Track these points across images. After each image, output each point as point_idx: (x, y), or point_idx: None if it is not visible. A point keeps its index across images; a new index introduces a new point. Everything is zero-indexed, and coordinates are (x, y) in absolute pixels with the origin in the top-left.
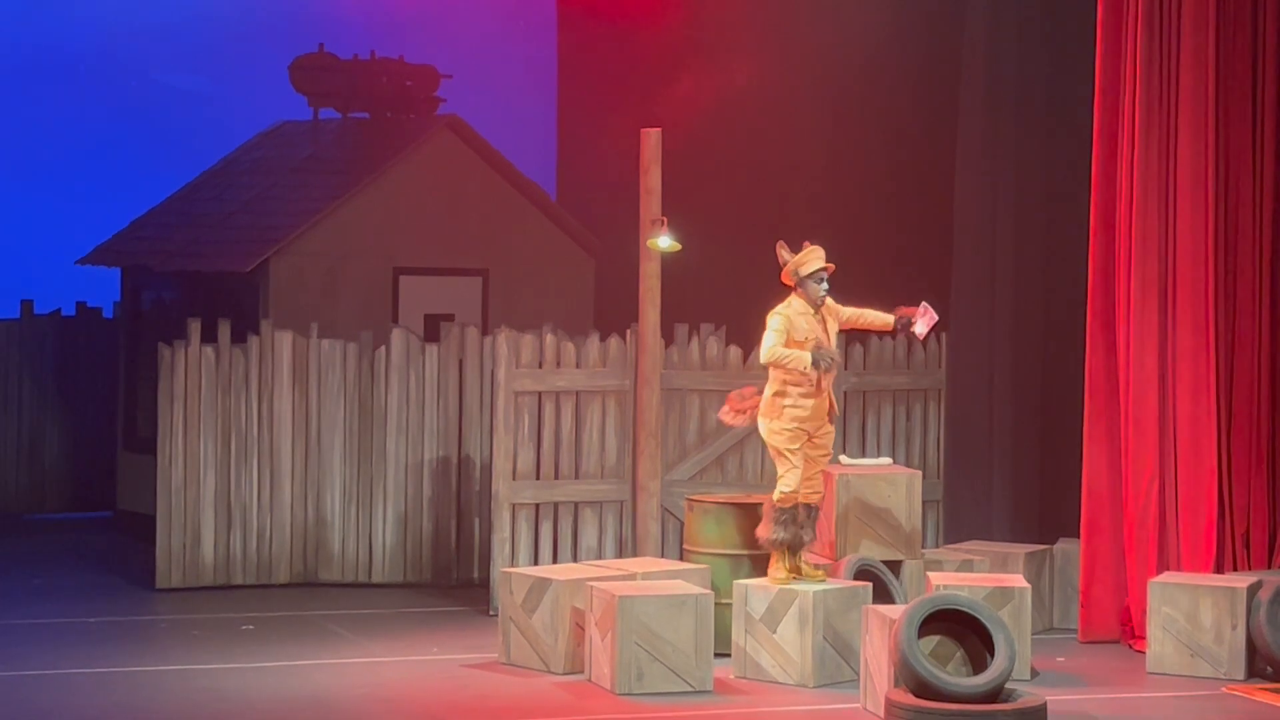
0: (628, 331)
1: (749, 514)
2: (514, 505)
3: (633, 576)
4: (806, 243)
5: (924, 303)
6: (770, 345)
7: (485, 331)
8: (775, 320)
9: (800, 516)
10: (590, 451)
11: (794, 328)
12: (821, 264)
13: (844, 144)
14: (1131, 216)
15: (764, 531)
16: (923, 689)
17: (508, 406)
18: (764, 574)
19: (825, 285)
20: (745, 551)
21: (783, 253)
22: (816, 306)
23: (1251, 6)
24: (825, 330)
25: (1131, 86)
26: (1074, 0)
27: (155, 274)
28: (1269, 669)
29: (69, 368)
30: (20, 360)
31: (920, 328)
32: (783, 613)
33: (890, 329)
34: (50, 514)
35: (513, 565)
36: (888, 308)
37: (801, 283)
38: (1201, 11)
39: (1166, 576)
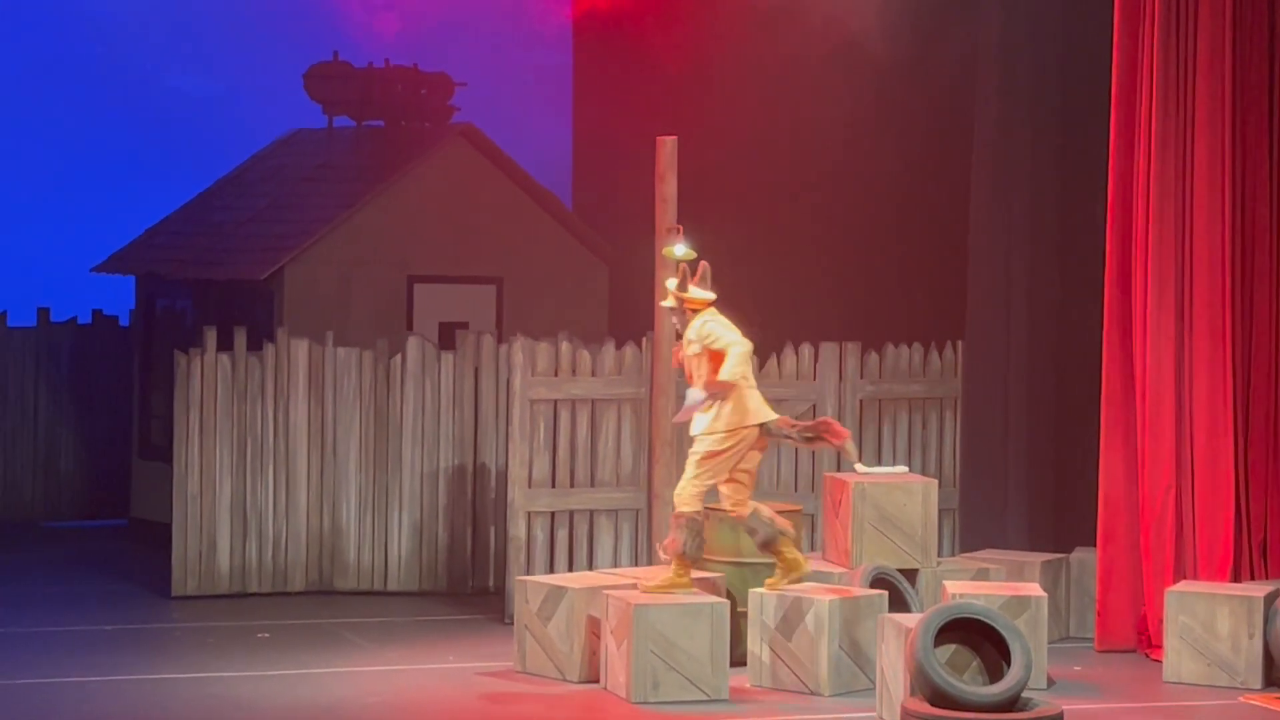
0: (643, 340)
1: None
2: (529, 513)
3: None
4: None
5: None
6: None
7: (500, 339)
8: (733, 336)
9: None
10: (605, 460)
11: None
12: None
13: (857, 153)
14: (1148, 224)
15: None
16: (939, 698)
17: (523, 414)
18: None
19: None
20: (761, 560)
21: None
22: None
23: (1269, 9)
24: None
25: (1148, 93)
26: (1089, 5)
27: (170, 282)
28: None
29: (85, 375)
30: (36, 368)
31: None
32: (798, 621)
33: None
34: (65, 521)
35: (528, 573)
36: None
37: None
38: (1218, 15)
39: (1183, 585)
